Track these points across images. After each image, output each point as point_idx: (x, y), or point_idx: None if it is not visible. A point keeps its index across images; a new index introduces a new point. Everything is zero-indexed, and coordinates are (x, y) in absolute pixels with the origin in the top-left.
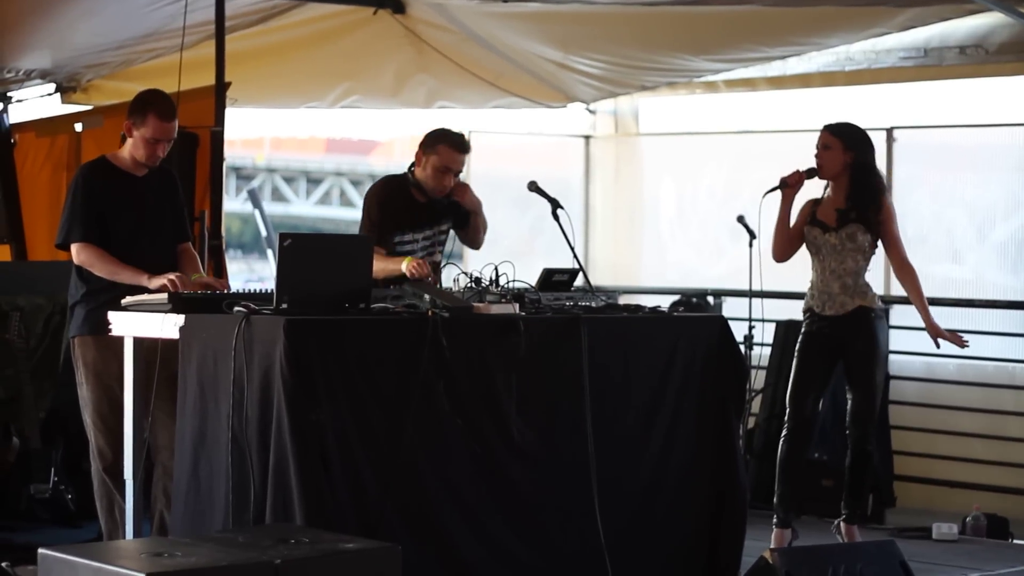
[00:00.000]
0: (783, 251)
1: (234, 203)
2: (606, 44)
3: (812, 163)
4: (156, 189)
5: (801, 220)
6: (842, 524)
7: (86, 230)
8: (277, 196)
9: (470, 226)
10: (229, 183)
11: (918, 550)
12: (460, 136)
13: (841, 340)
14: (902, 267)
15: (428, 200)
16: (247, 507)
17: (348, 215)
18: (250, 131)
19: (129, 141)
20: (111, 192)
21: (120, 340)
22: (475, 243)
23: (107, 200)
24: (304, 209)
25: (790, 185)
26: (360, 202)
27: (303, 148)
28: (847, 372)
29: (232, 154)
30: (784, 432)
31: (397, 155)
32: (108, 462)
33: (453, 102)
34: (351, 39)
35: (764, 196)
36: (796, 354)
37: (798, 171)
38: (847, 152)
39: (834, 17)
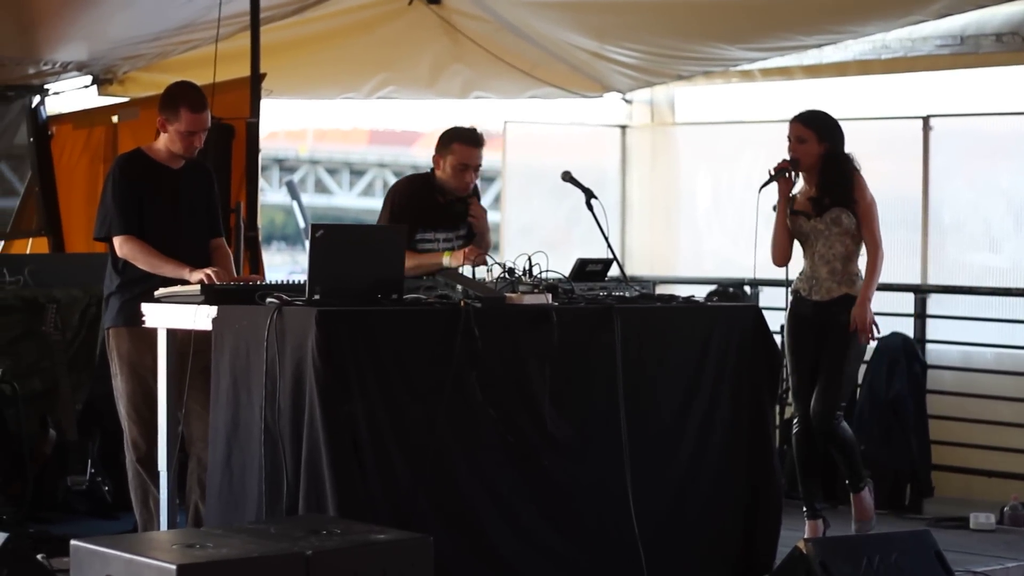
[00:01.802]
0: (784, 254)
1: (277, 195)
2: (641, 33)
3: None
4: (191, 182)
5: (782, 215)
6: (851, 497)
7: (127, 223)
8: (320, 188)
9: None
10: (272, 175)
11: (955, 540)
12: (472, 131)
13: (824, 325)
14: (868, 244)
15: (448, 202)
16: (280, 498)
17: None
18: (293, 123)
19: (164, 135)
20: (147, 184)
21: (154, 331)
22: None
23: (143, 192)
24: (347, 201)
25: (782, 172)
26: None
27: (346, 140)
28: (821, 353)
29: (275, 146)
30: (796, 429)
31: None
32: (142, 453)
33: (489, 92)
34: (386, 30)
35: (760, 191)
36: (788, 347)
37: (785, 159)
38: (821, 143)
39: (870, 5)
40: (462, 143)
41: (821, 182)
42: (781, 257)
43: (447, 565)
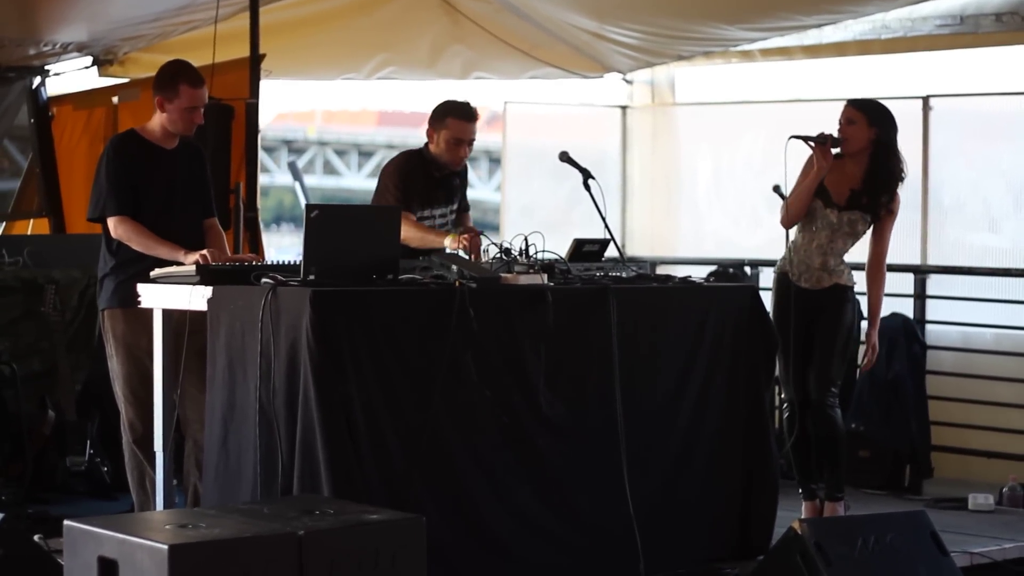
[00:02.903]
0: (797, 218)
1: (285, 177)
2: (642, 14)
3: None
4: (185, 162)
5: (814, 182)
6: (824, 504)
7: (120, 203)
8: (328, 169)
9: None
10: (280, 156)
11: (954, 520)
12: (466, 105)
13: (813, 313)
14: (879, 267)
15: (442, 177)
16: (275, 479)
17: None
18: (302, 104)
19: (159, 115)
20: (141, 165)
21: (149, 312)
22: None
23: (137, 172)
24: (356, 182)
25: (825, 140)
26: None
27: (355, 121)
28: (811, 339)
29: (284, 127)
30: (787, 414)
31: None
32: (138, 434)
33: (489, 73)
34: (386, 10)
35: (791, 139)
36: (779, 333)
37: (833, 136)
38: (871, 128)
39: None
40: (457, 117)
41: (868, 174)
42: (792, 220)
43: (441, 546)
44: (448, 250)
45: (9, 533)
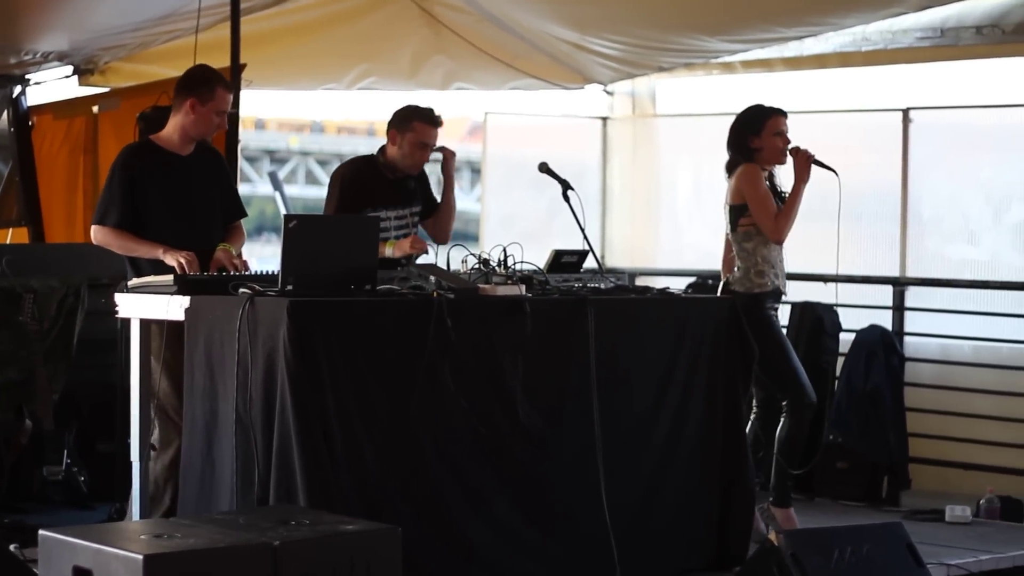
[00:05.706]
0: None
1: (268, 187)
2: (622, 25)
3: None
4: (201, 169)
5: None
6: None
7: (120, 218)
8: (311, 179)
9: (439, 214)
10: (263, 167)
11: (931, 532)
12: (431, 111)
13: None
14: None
15: (397, 179)
16: (251, 488)
17: None
18: (285, 114)
19: (181, 118)
20: (154, 174)
21: (180, 324)
22: (443, 235)
23: (149, 182)
24: None
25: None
26: None
27: (338, 132)
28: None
29: (267, 138)
30: (808, 417)
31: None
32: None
33: (470, 83)
34: (367, 21)
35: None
36: (783, 342)
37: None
38: None
39: None
40: (422, 122)
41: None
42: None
43: (418, 556)
44: (390, 255)
45: None
